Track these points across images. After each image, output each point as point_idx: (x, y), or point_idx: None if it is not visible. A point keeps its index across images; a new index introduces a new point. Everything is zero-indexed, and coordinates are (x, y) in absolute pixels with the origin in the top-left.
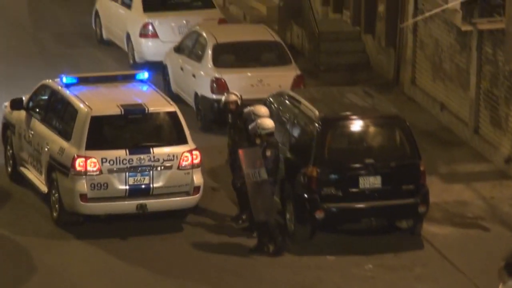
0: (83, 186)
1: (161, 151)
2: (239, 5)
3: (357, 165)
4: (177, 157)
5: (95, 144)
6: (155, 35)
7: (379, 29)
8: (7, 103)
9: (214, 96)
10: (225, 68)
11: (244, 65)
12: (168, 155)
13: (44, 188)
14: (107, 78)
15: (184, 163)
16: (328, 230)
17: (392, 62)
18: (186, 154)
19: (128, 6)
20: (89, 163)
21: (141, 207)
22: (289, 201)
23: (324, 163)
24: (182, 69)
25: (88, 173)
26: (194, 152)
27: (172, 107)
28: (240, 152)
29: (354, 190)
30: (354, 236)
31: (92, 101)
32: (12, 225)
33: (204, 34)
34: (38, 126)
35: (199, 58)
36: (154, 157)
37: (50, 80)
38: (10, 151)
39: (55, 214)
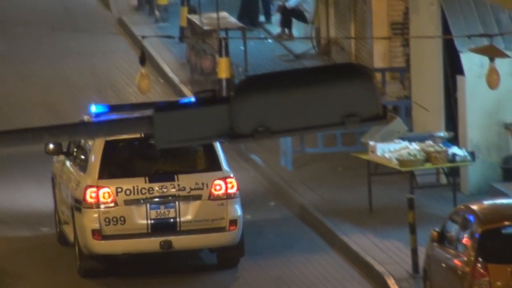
0: (95, 220)
1: (187, 178)
2: None
3: None
4: (207, 185)
5: (109, 172)
6: None
7: None
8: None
9: None
10: None
11: None
12: (196, 183)
13: (71, 237)
14: (145, 105)
15: (216, 193)
16: None
17: None
18: (218, 181)
19: None
20: (102, 194)
21: (166, 244)
22: None
23: None
24: None
25: (101, 206)
26: (229, 180)
27: None
28: None
29: None
30: None
31: None
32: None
33: None
34: (67, 168)
35: None
36: (179, 185)
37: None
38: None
39: (78, 263)
